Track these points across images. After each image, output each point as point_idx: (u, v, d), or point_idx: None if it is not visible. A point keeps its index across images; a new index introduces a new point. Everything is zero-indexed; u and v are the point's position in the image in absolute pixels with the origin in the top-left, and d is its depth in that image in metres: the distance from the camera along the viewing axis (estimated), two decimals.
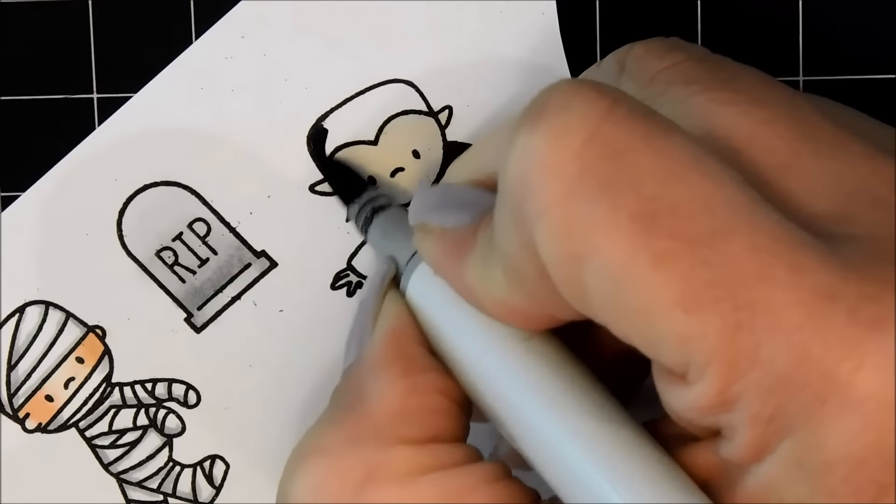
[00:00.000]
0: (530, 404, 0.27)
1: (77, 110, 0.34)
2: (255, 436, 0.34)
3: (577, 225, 0.23)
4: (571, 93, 0.24)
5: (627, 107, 0.24)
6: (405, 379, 0.28)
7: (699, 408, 0.24)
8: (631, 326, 0.24)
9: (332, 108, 0.34)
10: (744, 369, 0.23)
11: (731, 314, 0.22)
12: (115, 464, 0.35)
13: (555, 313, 0.26)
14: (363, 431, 0.27)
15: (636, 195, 0.23)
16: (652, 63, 0.28)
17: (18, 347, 0.34)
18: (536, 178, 0.24)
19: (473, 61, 0.34)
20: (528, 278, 0.25)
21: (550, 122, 0.24)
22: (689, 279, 0.23)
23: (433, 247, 0.29)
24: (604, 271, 0.23)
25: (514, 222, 0.25)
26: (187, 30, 0.34)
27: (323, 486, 0.27)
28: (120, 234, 0.34)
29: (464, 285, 0.28)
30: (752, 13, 0.33)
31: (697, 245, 0.23)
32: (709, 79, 0.27)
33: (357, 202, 0.33)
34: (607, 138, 0.24)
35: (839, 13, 0.33)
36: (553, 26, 0.34)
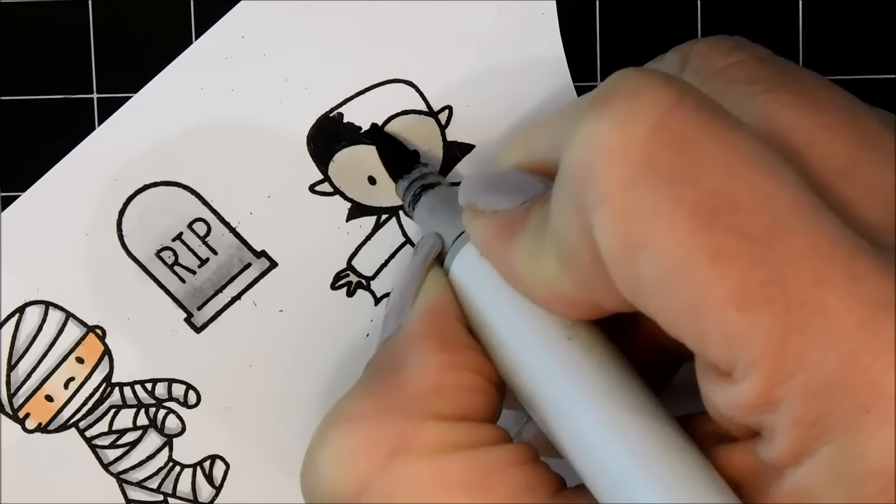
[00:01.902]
0: (568, 394, 0.27)
1: (77, 110, 0.34)
2: (255, 436, 0.34)
3: (638, 213, 0.23)
4: (640, 81, 0.24)
5: (695, 99, 0.24)
6: (442, 355, 0.28)
7: (742, 406, 0.24)
8: (681, 320, 0.24)
9: (332, 107, 0.34)
10: (791, 372, 0.23)
11: (784, 315, 0.22)
12: (115, 464, 0.35)
13: (603, 303, 0.26)
14: (396, 403, 0.27)
15: (699, 188, 0.23)
16: (716, 59, 0.28)
17: (18, 347, 0.34)
18: (600, 164, 0.24)
19: (473, 61, 0.34)
20: (581, 265, 0.25)
21: (618, 108, 0.24)
22: (744, 277, 0.23)
23: (482, 228, 0.28)
24: (660, 262, 0.23)
25: (573, 207, 0.25)
26: (187, 30, 0.34)
27: (351, 453, 0.27)
28: (120, 234, 0.34)
29: (511, 268, 0.27)
30: (752, 13, 0.33)
31: (756, 243, 0.23)
32: (771, 79, 0.27)
33: (406, 178, 0.33)
34: (674, 128, 0.24)
35: (839, 13, 0.33)
36: (553, 26, 0.34)
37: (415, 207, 0.33)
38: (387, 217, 0.34)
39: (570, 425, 0.27)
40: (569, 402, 0.27)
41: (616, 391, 0.27)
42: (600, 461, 0.26)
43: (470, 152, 0.34)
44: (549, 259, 0.26)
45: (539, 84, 0.34)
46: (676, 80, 0.24)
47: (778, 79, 0.27)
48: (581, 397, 0.27)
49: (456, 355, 0.28)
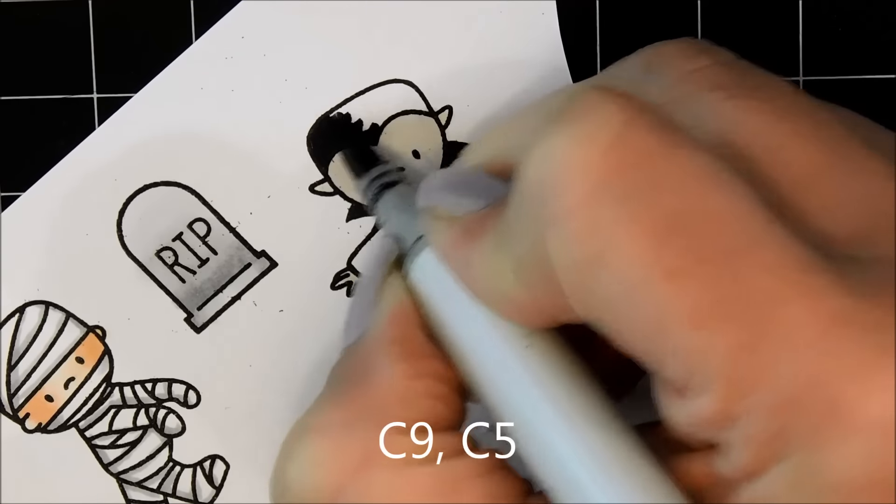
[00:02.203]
0: (526, 401, 0.27)
1: (77, 110, 0.34)
2: (255, 436, 0.34)
3: (593, 232, 0.23)
4: (596, 99, 0.24)
5: (649, 117, 0.24)
6: (407, 362, 0.28)
7: (698, 422, 0.24)
8: (637, 337, 0.24)
9: (332, 107, 0.34)
10: (748, 388, 0.22)
11: (740, 333, 0.22)
12: (115, 464, 0.35)
13: (557, 315, 0.26)
14: (363, 412, 0.27)
15: (655, 207, 0.23)
16: (679, 64, 0.28)
17: (18, 347, 0.34)
18: (556, 181, 0.24)
19: (473, 61, 0.34)
20: (535, 277, 0.25)
21: (574, 127, 0.24)
22: (700, 294, 0.23)
23: (441, 232, 0.28)
24: (617, 280, 0.23)
25: (528, 221, 0.25)
26: (187, 30, 0.34)
27: (321, 464, 0.27)
28: (120, 234, 0.34)
29: (469, 275, 0.27)
30: (752, 13, 0.33)
31: (711, 261, 0.23)
32: (735, 85, 0.27)
33: (367, 176, 0.33)
34: (628, 147, 0.24)
35: (839, 13, 0.33)
36: (553, 26, 0.34)
37: (375, 207, 0.32)
38: None
39: (530, 431, 0.27)
40: (528, 409, 0.27)
41: (574, 399, 0.27)
42: (558, 467, 0.26)
43: None
44: (505, 267, 0.26)
45: (539, 84, 0.34)
46: (633, 99, 0.24)
47: (742, 84, 0.27)
48: (539, 405, 0.27)
49: (419, 363, 0.28)
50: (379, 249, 0.31)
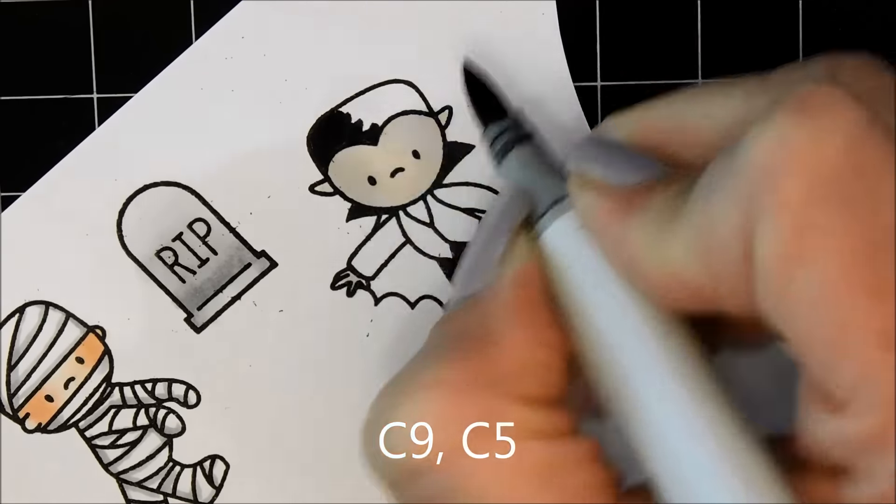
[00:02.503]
0: (656, 388, 0.26)
1: (77, 110, 0.34)
2: (255, 436, 0.34)
3: (812, 230, 0.23)
4: (839, 96, 0.24)
5: (882, 128, 0.24)
6: (533, 330, 0.28)
7: (849, 441, 0.23)
8: (817, 342, 0.23)
9: (332, 107, 0.34)
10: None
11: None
12: (115, 464, 0.35)
13: (723, 300, 0.25)
14: (487, 377, 0.27)
15: (874, 219, 0.23)
16: (864, 79, 0.28)
17: (18, 347, 0.34)
18: (787, 170, 0.23)
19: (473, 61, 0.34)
20: (727, 260, 0.25)
21: (816, 119, 0.24)
22: (894, 319, 0.23)
23: (593, 200, 0.27)
24: (818, 283, 0.23)
25: (737, 203, 0.24)
26: (187, 30, 0.34)
27: (438, 420, 0.26)
28: (120, 234, 0.34)
29: (622, 247, 0.27)
30: (751, 13, 0.33)
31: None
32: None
33: (497, 125, 0.31)
34: (864, 153, 0.23)
35: (839, 13, 0.33)
36: (553, 26, 0.34)
37: (503, 160, 0.31)
38: (387, 217, 0.34)
39: (652, 420, 0.26)
40: (655, 396, 0.26)
41: (705, 394, 0.26)
42: (677, 462, 0.26)
43: (470, 152, 0.34)
44: (679, 244, 0.25)
45: (539, 84, 0.34)
46: (865, 104, 0.24)
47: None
48: (670, 395, 0.26)
49: (543, 331, 0.28)
50: (503, 204, 0.30)
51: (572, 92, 0.34)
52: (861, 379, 0.23)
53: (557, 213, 0.29)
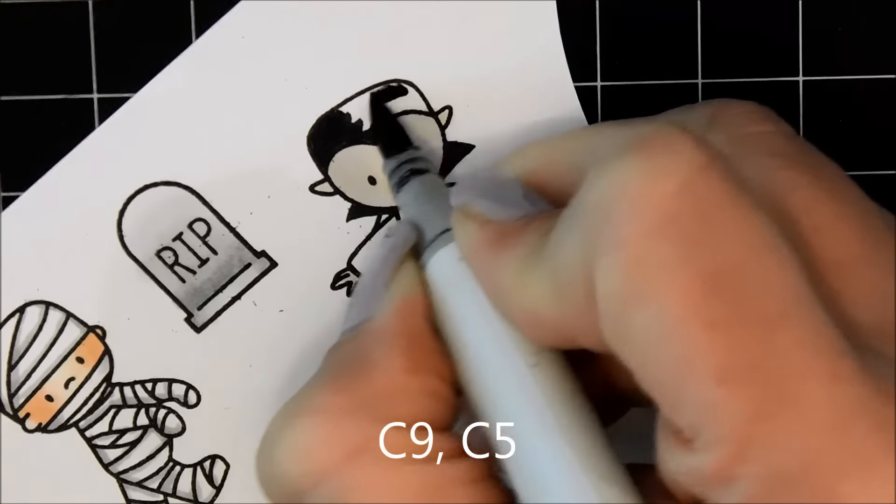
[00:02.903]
0: (524, 419, 0.27)
1: (77, 110, 0.34)
2: (255, 436, 0.34)
3: (646, 268, 0.23)
4: (677, 137, 0.24)
5: (723, 168, 0.24)
6: (410, 356, 0.28)
7: (696, 476, 0.23)
8: (659, 379, 0.24)
9: (332, 107, 0.34)
10: (753, 455, 0.23)
11: (760, 400, 0.22)
12: (115, 464, 0.35)
13: (580, 338, 0.26)
14: (362, 402, 0.27)
15: (711, 256, 0.23)
16: (744, 124, 0.28)
17: (18, 347, 0.34)
18: (621, 210, 0.24)
19: (473, 61, 0.34)
20: (572, 297, 0.25)
21: (652, 159, 0.24)
22: (732, 353, 0.23)
23: (472, 233, 0.28)
24: (656, 319, 0.23)
25: (580, 242, 0.24)
26: (187, 30, 0.34)
27: (314, 447, 0.27)
28: (120, 234, 0.34)
29: (494, 280, 0.27)
30: (752, 13, 0.33)
31: (752, 323, 0.23)
32: (794, 157, 0.28)
33: (396, 158, 0.32)
34: (699, 192, 0.24)
35: (839, 13, 0.33)
36: (553, 26, 0.34)
37: (399, 190, 0.32)
38: (387, 217, 0.34)
39: (522, 450, 0.27)
40: (523, 426, 0.27)
41: (569, 424, 0.26)
42: (542, 489, 0.26)
43: (470, 152, 0.34)
44: (537, 280, 0.26)
45: (539, 84, 0.34)
46: (709, 145, 0.24)
47: (800, 158, 0.28)
48: (536, 425, 0.27)
49: (423, 358, 0.28)
50: (394, 234, 0.31)
51: (572, 92, 0.34)
52: (703, 414, 0.23)
53: (441, 244, 0.29)
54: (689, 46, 0.34)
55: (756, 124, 0.29)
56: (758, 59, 0.33)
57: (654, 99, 0.34)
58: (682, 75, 0.34)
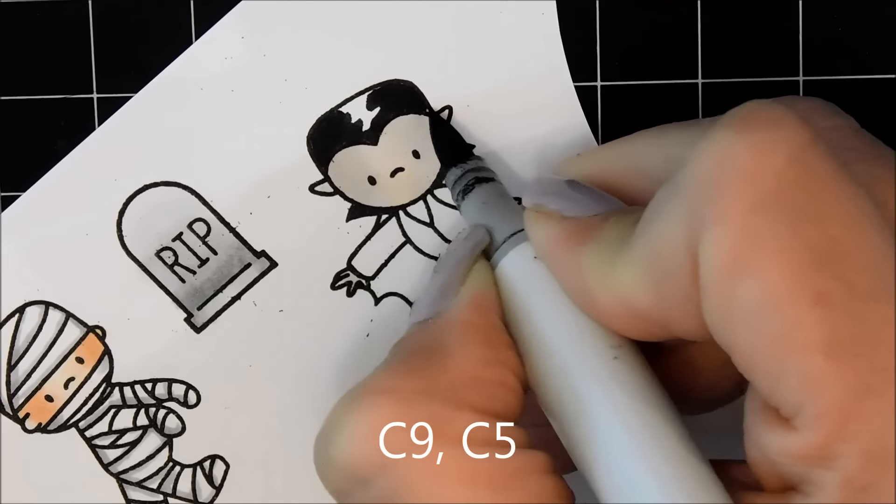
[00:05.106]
0: (605, 414, 0.27)
1: (77, 110, 0.34)
2: (255, 436, 0.34)
3: (755, 239, 0.23)
4: (782, 113, 0.24)
5: (826, 145, 0.24)
6: (485, 347, 0.28)
7: (795, 455, 0.23)
8: (762, 354, 0.24)
9: (332, 108, 0.34)
10: (855, 431, 0.23)
11: (866, 374, 0.23)
12: (115, 464, 0.35)
13: (674, 324, 0.26)
14: (436, 386, 0.27)
15: (819, 230, 0.23)
16: (816, 119, 0.28)
17: (18, 347, 0.34)
18: (730, 181, 0.24)
19: (473, 61, 0.34)
20: (674, 277, 0.25)
21: (760, 132, 0.24)
22: (840, 326, 0.23)
23: (548, 230, 0.28)
24: (762, 292, 0.23)
25: (683, 217, 0.25)
26: (187, 30, 0.34)
27: (384, 425, 0.26)
28: (120, 234, 0.34)
29: (575, 275, 0.27)
30: (752, 13, 0.33)
31: (859, 297, 0.23)
32: (867, 151, 0.28)
33: (460, 167, 0.33)
34: (807, 166, 0.24)
35: (839, 13, 0.33)
36: (553, 26, 0.34)
37: (464, 198, 0.32)
38: (387, 217, 0.34)
39: (602, 445, 0.26)
40: (606, 420, 0.26)
41: (654, 419, 0.26)
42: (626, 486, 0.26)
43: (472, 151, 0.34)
44: (628, 269, 0.26)
45: (539, 84, 0.34)
46: (811, 123, 0.24)
47: (872, 152, 0.28)
48: (618, 420, 0.26)
49: (497, 351, 0.28)
50: (468, 237, 0.31)
51: (572, 92, 0.34)
52: (806, 389, 0.23)
53: (512, 245, 0.30)
54: (689, 46, 0.34)
55: (825, 119, 0.29)
56: (758, 59, 0.33)
57: (654, 99, 0.34)
58: (682, 75, 0.34)
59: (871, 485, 0.22)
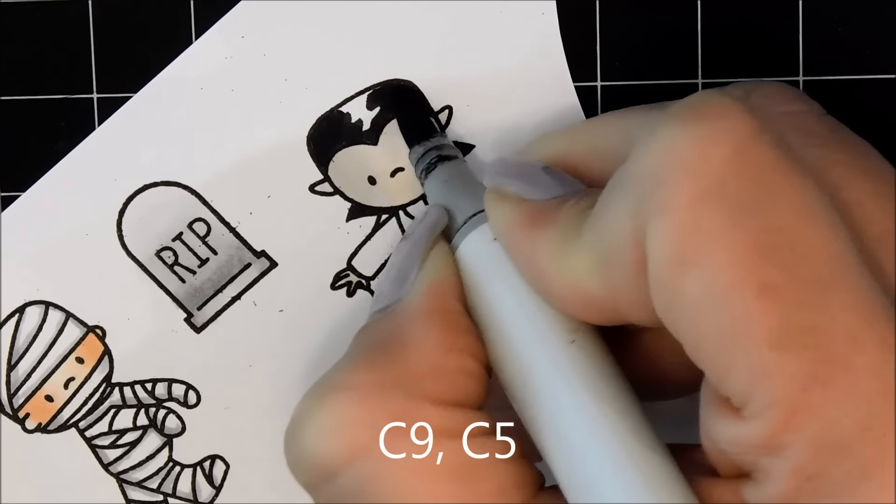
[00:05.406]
0: (562, 397, 0.27)
1: (77, 110, 0.34)
2: (255, 436, 0.34)
3: (699, 232, 0.23)
4: (728, 104, 0.24)
5: (774, 135, 0.24)
6: (445, 335, 0.28)
7: (745, 444, 0.23)
8: (710, 345, 0.24)
9: (331, 107, 0.34)
10: (804, 421, 0.23)
11: (813, 365, 0.22)
12: (115, 464, 0.35)
13: (626, 310, 0.26)
14: (398, 379, 0.27)
15: (763, 220, 0.23)
16: (778, 103, 0.29)
17: (18, 347, 0.34)
18: (674, 174, 0.24)
19: (473, 61, 0.34)
20: (622, 268, 0.25)
21: (704, 125, 0.24)
22: (786, 317, 0.23)
23: (507, 213, 0.28)
24: (707, 284, 0.23)
25: (630, 209, 0.25)
26: (187, 30, 0.34)
27: (348, 422, 0.26)
28: (120, 234, 0.34)
29: (531, 259, 0.27)
30: (752, 13, 0.33)
31: (804, 288, 0.23)
32: (828, 136, 0.28)
33: (423, 145, 0.33)
34: (752, 157, 0.24)
35: (839, 13, 0.33)
36: (553, 26, 0.34)
37: (427, 176, 0.32)
38: (387, 217, 0.34)
39: (559, 428, 0.26)
40: (562, 404, 0.27)
41: (611, 401, 0.26)
42: (579, 468, 0.26)
43: (470, 152, 0.34)
44: (580, 255, 0.26)
45: (539, 84, 0.34)
46: (759, 113, 0.24)
47: (834, 137, 0.28)
48: (575, 402, 0.26)
49: (457, 337, 0.28)
50: (425, 218, 0.31)
51: (572, 92, 0.34)
52: (754, 380, 0.23)
53: (473, 226, 0.29)
54: (689, 46, 0.34)
55: (789, 103, 0.29)
56: (758, 59, 0.33)
57: (654, 99, 0.34)
58: (682, 75, 0.34)
59: (821, 474, 0.22)
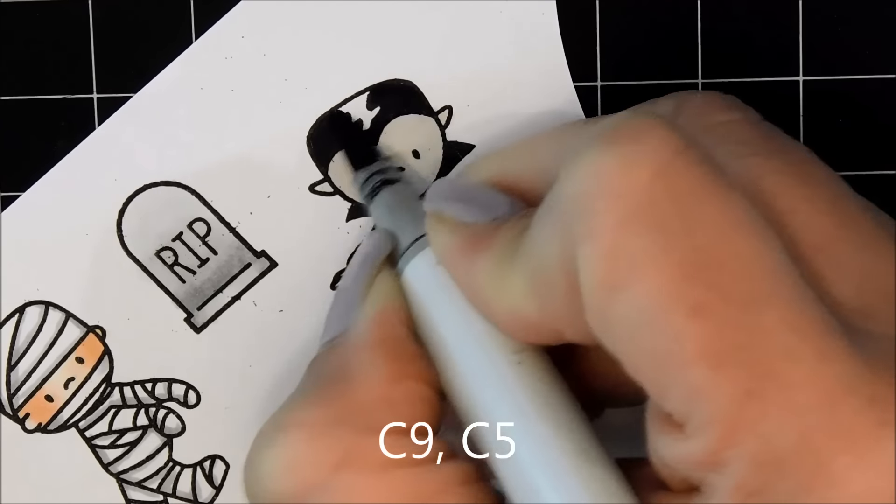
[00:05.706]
0: (509, 417, 0.27)
1: (77, 110, 0.34)
2: (255, 436, 0.34)
3: (625, 256, 0.23)
4: (650, 123, 0.24)
5: (697, 153, 0.24)
6: (393, 364, 0.28)
7: (688, 461, 0.23)
8: (646, 366, 0.24)
9: (331, 107, 0.34)
10: (742, 437, 0.23)
11: (748, 381, 0.22)
12: (115, 464, 0.35)
13: (564, 332, 0.26)
14: (346, 413, 0.27)
15: (688, 241, 0.23)
16: (710, 114, 0.29)
17: (18, 347, 0.34)
18: (597, 200, 0.24)
19: (473, 61, 0.34)
20: (554, 292, 0.25)
21: (626, 147, 0.24)
22: (717, 336, 0.23)
23: (446, 237, 0.28)
24: (638, 307, 0.23)
25: (558, 235, 0.25)
26: (187, 30, 0.34)
27: (298, 461, 0.27)
28: (120, 234, 0.34)
29: (471, 283, 0.27)
30: (752, 13, 0.33)
31: (734, 306, 0.23)
32: (762, 144, 0.28)
33: (366, 169, 0.33)
34: (674, 178, 0.24)
35: (839, 13, 0.33)
36: (553, 26, 0.34)
37: (372, 201, 0.32)
38: None
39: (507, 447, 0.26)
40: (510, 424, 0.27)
41: (556, 420, 0.26)
42: (530, 488, 0.26)
43: (470, 152, 0.34)
44: (516, 280, 0.26)
45: (539, 84, 0.34)
46: (682, 131, 0.24)
47: (768, 145, 0.28)
48: (522, 423, 0.26)
49: (406, 364, 0.28)
50: (368, 245, 0.31)
51: (572, 92, 0.34)
52: (692, 399, 0.23)
53: (416, 251, 0.30)
54: (689, 46, 0.34)
55: (721, 113, 0.29)
56: (758, 59, 0.33)
57: None
58: (682, 75, 0.34)
59: (763, 489, 0.22)
